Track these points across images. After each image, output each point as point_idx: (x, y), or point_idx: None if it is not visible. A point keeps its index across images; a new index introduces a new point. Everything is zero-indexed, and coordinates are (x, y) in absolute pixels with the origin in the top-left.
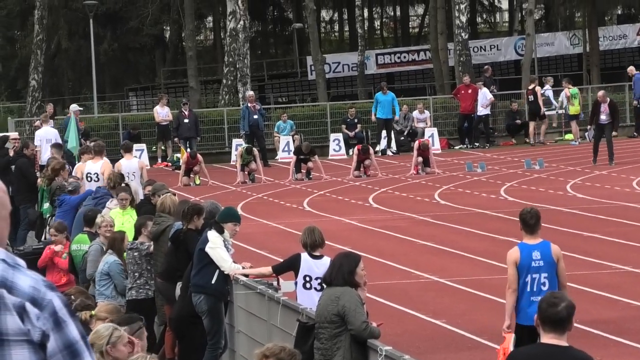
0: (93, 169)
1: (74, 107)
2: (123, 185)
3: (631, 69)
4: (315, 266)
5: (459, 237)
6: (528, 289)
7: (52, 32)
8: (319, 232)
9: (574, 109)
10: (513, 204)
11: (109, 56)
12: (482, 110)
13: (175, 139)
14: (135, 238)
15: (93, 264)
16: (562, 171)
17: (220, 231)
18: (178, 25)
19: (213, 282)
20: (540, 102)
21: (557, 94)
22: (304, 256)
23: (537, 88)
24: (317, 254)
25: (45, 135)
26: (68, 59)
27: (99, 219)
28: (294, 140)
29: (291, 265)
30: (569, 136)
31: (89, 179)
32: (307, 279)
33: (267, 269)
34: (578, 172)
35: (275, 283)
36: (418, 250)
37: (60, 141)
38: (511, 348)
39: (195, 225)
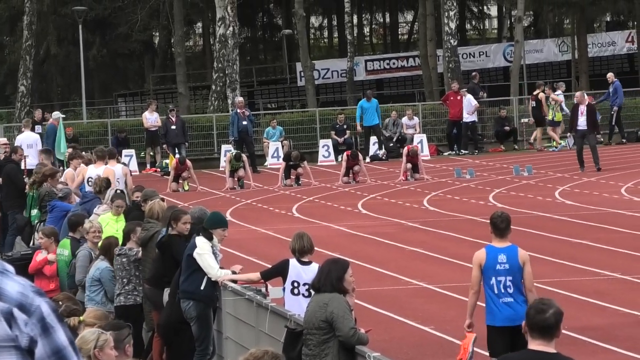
0: (95, 173)
1: (56, 114)
2: (118, 191)
3: (610, 75)
4: (303, 272)
5: (448, 244)
6: (495, 291)
7: (41, 37)
8: (307, 238)
9: (554, 115)
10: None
11: (98, 62)
12: (468, 117)
13: (164, 146)
14: (124, 244)
15: (82, 270)
16: (551, 178)
17: (209, 237)
18: (167, 31)
19: (202, 288)
20: (545, 109)
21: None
22: (292, 262)
23: (541, 95)
24: (305, 260)
25: (26, 140)
26: (57, 64)
27: (87, 225)
28: (282, 147)
29: (279, 271)
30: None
31: (89, 183)
32: (295, 284)
33: (255, 275)
34: (567, 178)
35: (263, 289)
36: (407, 257)
37: (41, 146)
38: (471, 347)
39: (177, 231)
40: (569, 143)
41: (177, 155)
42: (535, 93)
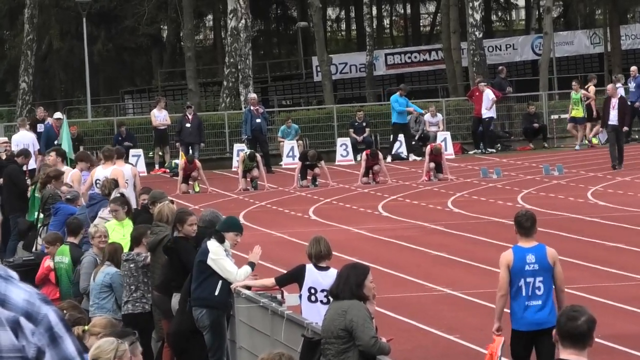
0: (103, 174)
1: (57, 115)
2: (118, 194)
3: (634, 70)
4: (321, 278)
5: (473, 247)
6: (523, 294)
7: (43, 31)
8: (325, 242)
9: (577, 112)
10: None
11: (103, 57)
12: (485, 113)
13: (177, 144)
14: (131, 249)
15: (87, 277)
16: (583, 177)
17: (221, 240)
18: (176, 24)
19: (216, 293)
20: (593, 103)
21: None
22: (309, 267)
23: (591, 88)
24: (323, 265)
25: (22, 140)
26: (60, 60)
27: (92, 229)
28: (298, 146)
29: (295, 277)
30: (593, 140)
31: (97, 184)
32: (312, 291)
33: (270, 281)
34: (599, 178)
35: (279, 296)
36: (430, 261)
37: (38, 146)
38: (499, 352)
39: (183, 233)
40: (601, 139)
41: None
42: (587, 87)
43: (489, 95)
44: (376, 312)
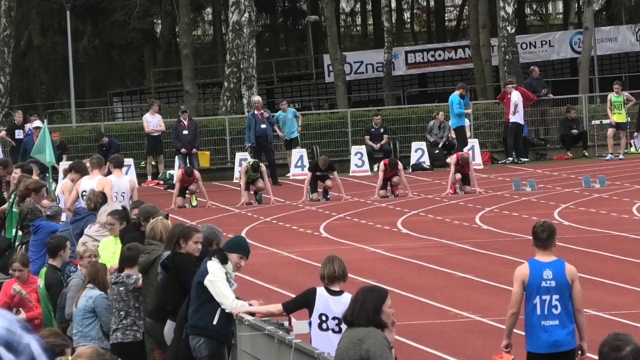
0: (89, 185)
1: (37, 124)
2: (118, 207)
3: None
4: (332, 304)
5: (504, 269)
6: (538, 312)
7: (21, 26)
8: (340, 263)
9: (620, 116)
10: (569, 229)
11: (89, 55)
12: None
13: (182, 150)
14: (121, 270)
15: (73, 302)
16: (627, 190)
17: (224, 261)
18: (171, 19)
19: (215, 322)
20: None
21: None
22: (320, 291)
23: None
24: (336, 289)
25: None
26: (41, 58)
27: (80, 248)
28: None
29: (305, 302)
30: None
31: (83, 197)
32: (323, 318)
33: (277, 307)
34: None
35: (286, 323)
36: (456, 284)
37: (1, 155)
38: None
39: (186, 251)
40: (636, 144)
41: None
42: None
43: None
44: (395, 341)
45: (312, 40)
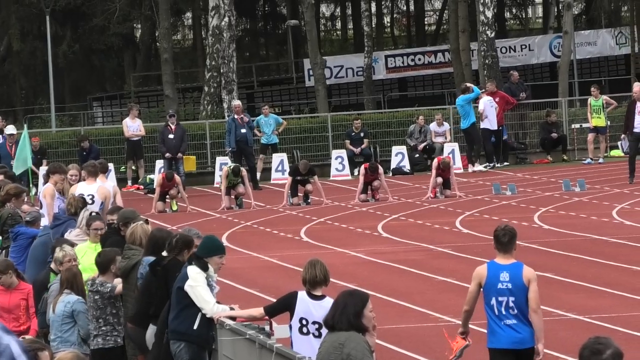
0: (87, 191)
1: (10, 129)
2: (94, 213)
3: None
4: (313, 308)
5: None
6: (495, 312)
7: (1, 31)
8: (321, 267)
9: (599, 120)
10: (549, 233)
11: (69, 59)
12: (481, 124)
13: (167, 155)
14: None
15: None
16: (607, 194)
17: (204, 267)
18: (151, 23)
19: (195, 327)
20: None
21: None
22: (301, 295)
23: None
24: (317, 293)
25: None
26: (20, 62)
27: (59, 253)
28: (275, 131)
29: (286, 306)
30: (614, 152)
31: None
32: (304, 322)
33: (258, 311)
34: (626, 195)
35: (267, 327)
36: (437, 288)
37: None
38: (458, 352)
39: (182, 259)
40: (623, 146)
41: (163, 170)
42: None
43: (479, 105)
44: (376, 345)
45: (292, 45)
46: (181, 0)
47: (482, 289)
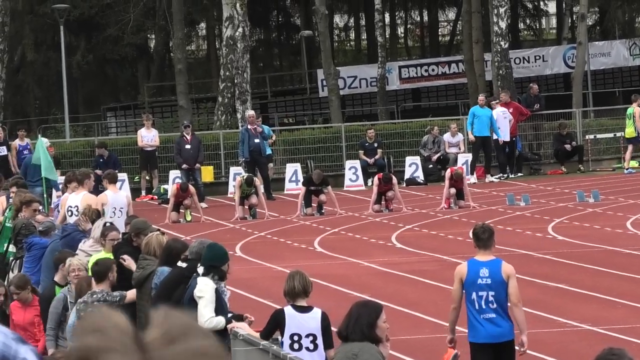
0: (74, 201)
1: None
2: (108, 224)
3: None
4: (303, 321)
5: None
6: (476, 307)
7: (15, 41)
8: (300, 278)
9: (629, 130)
10: (563, 244)
11: (83, 70)
12: (493, 135)
13: (184, 165)
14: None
15: (54, 317)
16: (622, 205)
17: (223, 278)
18: (165, 33)
19: None
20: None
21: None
22: (288, 311)
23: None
24: (302, 304)
25: None
26: (34, 73)
27: (66, 263)
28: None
29: (276, 325)
30: (633, 163)
31: (69, 212)
32: (296, 338)
33: (256, 335)
34: None
35: (280, 337)
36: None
37: None
38: None
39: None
40: None
41: (179, 180)
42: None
43: (493, 115)
44: (390, 356)
45: (305, 55)
46: (195, 11)
47: (463, 286)
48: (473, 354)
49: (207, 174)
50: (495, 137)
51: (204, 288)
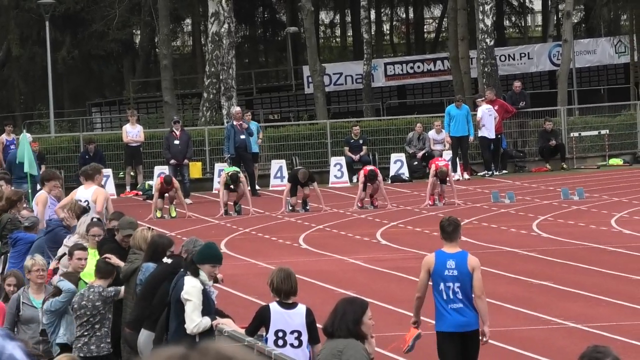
0: (84, 195)
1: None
2: (94, 219)
3: None
4: (288, 317)
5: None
6: (444, 297)
7: (0, 36)
8: (294, 278)
9: None
10: (547, 241)
11: (68, 65)
12: (478, 133)
13: (172, 161)
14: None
15: (8, 317)
16: (606, 202)
17: (196, 274)
18: (150, 29)
19: (197, 340)
20: None
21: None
22: (274, 307)
23: None
24: (288, 301)
25: None
26: (19, 68)
27: (28, 262)
28: (258, 141)
29: (261, 321)
30: (613, 161)
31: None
32: (280, 334)
33: (242, 332)
34: (625, 203)
35: (264, 334)
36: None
37: None
38: (411, 342)
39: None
40: None
41: (163, 174)
42: None
43: (477, 113)
44: (375, 352)
45: (291, 52)
46: (181, 7)
47: (430, 276)
48: (440, 342)
49: (195, 170)
50: (471, 136)
51: (191, 290)
